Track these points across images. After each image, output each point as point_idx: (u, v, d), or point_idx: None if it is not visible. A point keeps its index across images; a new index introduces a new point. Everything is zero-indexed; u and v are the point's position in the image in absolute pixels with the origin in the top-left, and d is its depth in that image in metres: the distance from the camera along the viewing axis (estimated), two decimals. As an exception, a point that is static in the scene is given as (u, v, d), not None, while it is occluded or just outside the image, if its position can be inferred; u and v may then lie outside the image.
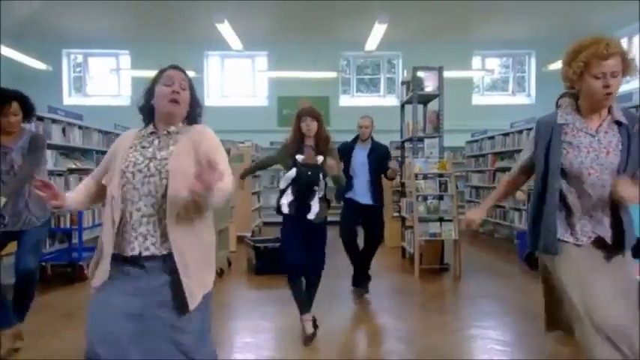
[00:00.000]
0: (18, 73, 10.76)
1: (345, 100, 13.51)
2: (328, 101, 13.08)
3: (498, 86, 14.31)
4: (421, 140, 6.79)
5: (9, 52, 9.84)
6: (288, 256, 4.00)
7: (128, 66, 13.09)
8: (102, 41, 12.70)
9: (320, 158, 3.91)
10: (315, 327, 3.98)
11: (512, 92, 13.95)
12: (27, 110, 3.69)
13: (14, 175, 3.55)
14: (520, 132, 8.79)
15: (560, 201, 2.27)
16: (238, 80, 13.75)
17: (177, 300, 2.01)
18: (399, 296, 5.55)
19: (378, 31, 10.24)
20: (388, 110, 10.03)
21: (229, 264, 6.84)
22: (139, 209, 2.03)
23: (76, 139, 6.86)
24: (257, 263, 6.40)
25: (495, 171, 9.85)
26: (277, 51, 12.97)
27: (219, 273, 6.25)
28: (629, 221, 2.24)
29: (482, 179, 10.70)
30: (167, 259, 2.02)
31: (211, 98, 13.28)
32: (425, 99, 7.05)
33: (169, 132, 2.15)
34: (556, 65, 2.49)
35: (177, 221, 2.02)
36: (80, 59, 13.54)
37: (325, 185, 3.99)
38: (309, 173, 3.88)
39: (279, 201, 3.96)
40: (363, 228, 5.47)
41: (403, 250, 7.42)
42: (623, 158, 2.19)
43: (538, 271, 2.66)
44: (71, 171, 6.63)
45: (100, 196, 2.23)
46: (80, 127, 6.99)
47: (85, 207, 2.14)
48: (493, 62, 14.04)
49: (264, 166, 4.71)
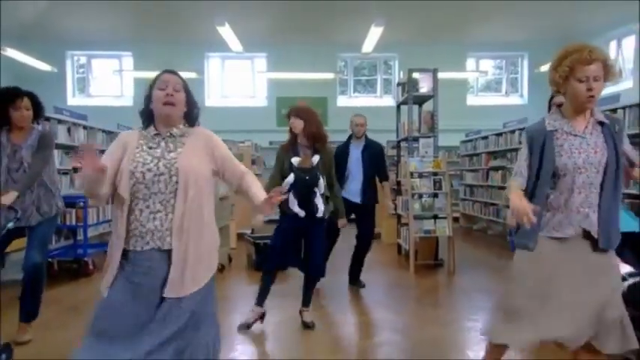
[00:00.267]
0: (23, 75, 10.81)
1: (343, 101, 13.56)
2: (326, 102, 13.13)
3: (492, 87, 14.37)
4: (416, 140, 6.84)
5: (14, 54, 9.87)
6: (276, 254, 4.08)
7: (130, 67, 13.12)
8: (105, 43, 12.75)
9: (316, 158, 3.96)
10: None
11: (505, 93, 14.01)
12: (37, 109, 3.75)
13: (24, 172, 3.61)
14: (513, 132, 8.85)
15: (547, 201, 2.36)
16: (238, 81, 13.79)
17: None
18: (395, 291, 5.60)
19: (375, 34, 10.29)
20: (385, 110, 10.11)
21: (230, 260, 6.88)
22: (148, 206, 2.09)
23: (81, 139, 6.91)
24: (257, 259, 6.42)
25: (489, 170, 9.91)
26: (276, 52, 13.01)
27: (220, 269, 6.30)
28: (611, 216, 2.31)
29: (475, 178, 10.76)
30: (169, 252, 2.09)
31: (212, 98, 13.33)
32: (420, 100, 7.09)
33: (172, 134, 2.20)
34: (548, 67, 2.54)
35: (184, 219, 2.09)
36: (84, 61, 13.57)
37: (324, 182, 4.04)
38: (306, 178, 3.92)
39: (286, 206, 3.92)
40: (356, 225, 5.53)
41: (399, 247, 7.47)
42: (610, 156, 2.28)
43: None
44: (75, 170, 6.67)
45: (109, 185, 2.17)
46: (85, 127, 7.04)
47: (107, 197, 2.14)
48: (487, 64, 14.10)
49: (275, 179, 4.16)
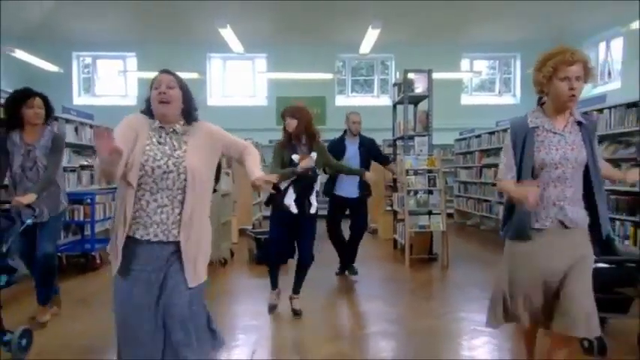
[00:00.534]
0: (31, 75, 10.84)
1: (341, 100, 13.60)
2: (325, 101, 13.20)
3: (486, 87, 14.43)
4: (412, 138, 6.90)
5: (23, 55, 9.91)
6: (274, 245, 4.27)
7: (134, 67, 13.16)
8: (110, 44, 12.81)
9: (314, 155, 4.06)
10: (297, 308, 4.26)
11: (498, 92, 14.07)
12: (47, 110, 3.85)
13: (37, 171, 3.72)
14: (505, 130, 8.81)
15: None
16: (239, 81, 13.84)
17: (178, 281, 2.18)
18: (391, 284, 5.67)
19: (372, 36, 10.34)
20: (381, 110, 10.15)
21: (232, 254, 6.95)
22: (156, 200, 2.16)
23: (88, 138, 6.96)
24: (258, 253, 6.49)
25: (482, 167, 9.99)
26: (276, 53, 13.06)
27: (222, 263, 6.37)
28: (602, 208, 2.42)
29: (469, 175, 10.83)
30: (175, 246, 2.18)
31: (214, 98, 13.38)
32: (415, 100, 7.16)
33: (175, 130, 2.26)
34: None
35: (193, 214, 2.18)
36: (89, 61, 13.61)
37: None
38: (309, 173, 4.04)
39: (282, 200, 4.04)
40: (350, 217, 5.66)
41: (395, 242, 7.53)
42: (588, 153, 2.38)
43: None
44: (82, 167, 6.75)
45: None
46: (91, 127, 7.09)
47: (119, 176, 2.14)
48: (481, 64, 14.15)
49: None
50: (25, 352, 3.27)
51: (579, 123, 2.43)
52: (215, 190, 4.91)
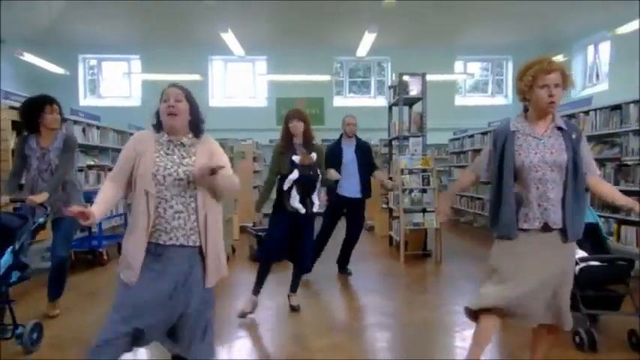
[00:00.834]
0: (39, 77, 10.93)
1: (339, 101, 13.65)
2: (323, 102, 13.25)
3: (479, 88, 14.47)
4: (407, 139, 6.96)
5: (31, 59, 9.94)
6: (270, 244, 4.19)
7: (138, 70, 13.18)
8: (114, 47, 12.83)
9: (314, 155, 4.07)
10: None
11: (491, 94, 14.11)
12: (61, 115, 3.91)
13: (51, 172, 3.79)
14: (497, 131, 8.94)
15: (516, 195, 2.51)
16: (240, 83, 13.85)
17: (196, 281, 2.27)
18: (387, 278, 5.73)
19: (368, 40, 10.38)
20: (378, 110, 10.21)
21: (233, 251, 7.01)
22: (172, 207, 2.22)
23: (94, 138, 7.03)
24: (258, 250, 6.51)
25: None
26: (276, 56, 13.09)
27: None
28: (573, 212, 2.44)
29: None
30: (193, 249, 2.26)
31: (215, 99, 13.41)
32: (410, 102, 7.21)
33: (183, 143, 2.31)
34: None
35: (205, 218, 2.26)
36: (94, 63, 13.63)
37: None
38: (310, 173, 4.03)
39: (286, 201, 4.01)
40: (347, 217, 5.65)
41: (390, 238, 7.58)
42: (569, 157, 2.42)
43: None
44: (90, 167, 6.81)
45: (117, 199, 2.33)
46: (98, 128, 7.15)
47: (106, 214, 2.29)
48: (474, 66, 14.21)
49: (272, 184, 4.26)
50: (36, 345, 3.33)
51: (560, 129, 2.47)
52: None
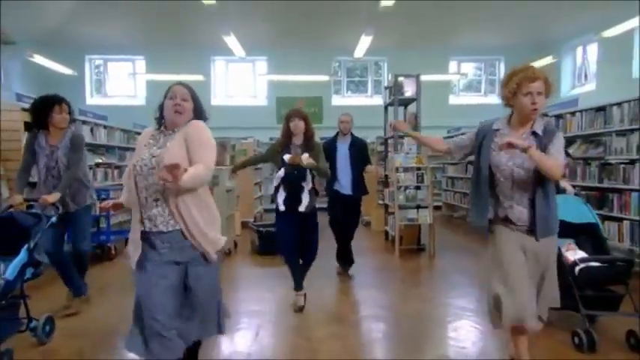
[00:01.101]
0: (47, 78, 10.97)
1: (337, 100, 13.70)
2: (321, 101, 13.30)
3: (472, 87, 14.53)
4: (402, 138, 7.03)
5: (40, 60, 9.99)
6: (283, 246, 4.24)
7: (143, 70, 13.24)
8: (120, 48, 12.89)
9: (305, 156, 3.99)
10: (304, 301, 4.25)
11: (484, 93, 14.17)
12: (70, 114, 3.97)
13: (58, 170, 3.85)
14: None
15: (490, 188, 2.63)
16: (241, 82, 13.90)
17: (195, 259, 2.34)
18: (382, 272, 5.80)
19: (365, 42, 10.44)
20: (375, 109, 10.23)
21: (235, 245, 7.07)
22: (150, 195, 2.30)
23: (102, 137, 7.09)
24: (259, 244, 6.61)
25: (468, 163, 10.08)
26: (276, 56, 13.13)
27: (227, 253, 6.51)
28: (542, 211, 2.52)
29: (456, 170, 10.94)
30: (172, 233, 2.30)
31: (217, 98, 13.45)
32: (405, 102, 7.29)
33: (174, 131, 2.37)
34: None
35: (176, 202, 2.27)
36: (100, 63, 13.66)
37: (313, 177, 4.15)
38: (295, 172, 4.03)
39: (275, 198, 4.16)
40: (343, 214, 5.69)
41: (386, 233, 7.65)
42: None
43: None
44: (97, 165, 6.88)
45: None
46: (105, 127, 7.22)
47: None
48: (468, 66, 14.27)
49: (255, 162, 4.45)
50: (49, 337, 3.41)
51: (535, 134, 2.53)
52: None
